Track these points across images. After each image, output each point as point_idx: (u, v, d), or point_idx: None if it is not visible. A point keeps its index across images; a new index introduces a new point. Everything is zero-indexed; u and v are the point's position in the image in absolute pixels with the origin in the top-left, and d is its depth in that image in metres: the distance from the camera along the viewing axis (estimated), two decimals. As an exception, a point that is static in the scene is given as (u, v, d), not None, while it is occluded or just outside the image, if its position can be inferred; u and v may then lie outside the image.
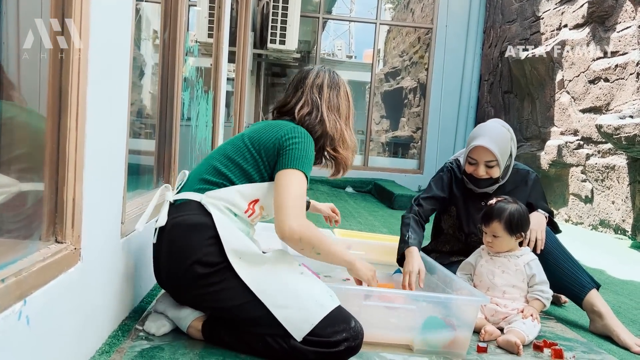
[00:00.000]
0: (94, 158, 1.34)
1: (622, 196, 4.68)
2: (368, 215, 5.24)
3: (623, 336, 1.98)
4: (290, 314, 1.46)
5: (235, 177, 1.62)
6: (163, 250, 1.58)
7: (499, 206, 2.04)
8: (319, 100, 1.78)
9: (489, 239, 2.05)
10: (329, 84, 1.82)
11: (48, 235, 1.23)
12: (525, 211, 2.05)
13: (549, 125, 5.95)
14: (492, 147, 2.12)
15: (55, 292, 1.16)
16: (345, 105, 1.85)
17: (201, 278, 1.51)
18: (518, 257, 2.04)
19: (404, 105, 11.27)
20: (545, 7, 6.26)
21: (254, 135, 1.68)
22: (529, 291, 2.02)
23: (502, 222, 2.00)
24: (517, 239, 2.05)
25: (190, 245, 1.52)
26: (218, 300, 1.51)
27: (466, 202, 2.32)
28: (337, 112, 1.81)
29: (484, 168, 2.17)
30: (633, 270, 3.52)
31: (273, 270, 1.54)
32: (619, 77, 4.82)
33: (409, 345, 1.73)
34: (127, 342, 1.54)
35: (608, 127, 4.37)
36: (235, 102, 5.34)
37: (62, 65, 1.21)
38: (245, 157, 1.64)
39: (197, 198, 1.59)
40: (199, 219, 1.55)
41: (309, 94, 1.79)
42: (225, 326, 1.56)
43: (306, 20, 8.54)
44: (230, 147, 1.70)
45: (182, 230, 1.54)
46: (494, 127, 2.19)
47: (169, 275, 1.58)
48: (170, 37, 2.36)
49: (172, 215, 1.58)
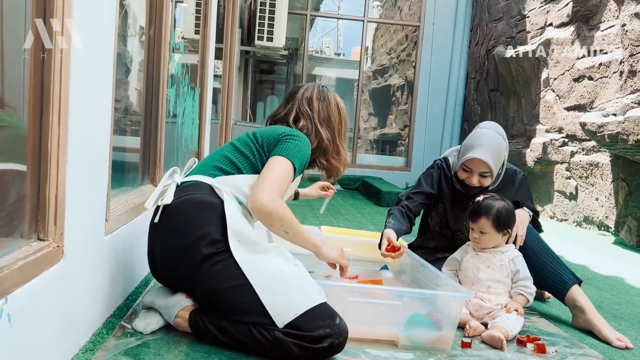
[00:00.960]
0: (77, 155, 1.33)
1: (606, 193, 4.74)
2: (356, 212, 5.26)
3: (604, 331, 2.01)
4: (276, 300, 1.48)
5: (244, 167, 1.72)
6: (165, 227, 1.60)
7: (486, 203, 2.06)
8: (309, 112, 1.91)
9: (475, 235, 2.07)
10: (317, 97, 1.94)
11: (30, 232, 1.22)
12: (512, 208, 2.08)
13: (535, 123, 6.01)
14: (489, 160, 2.14)
15: (37, 290, 1.15)
16: (336, 117, 1.94)
17: (200, 256, 1.53)
18: (503, 252, 2.07)
19: (391, 102, 11.30)
20: (530, 6, 6.31)
21: (259, 132, 1.81)
22: (513, 287, 2.04)
23: (490, 218, 2.02)
24: (503, 235, 2.07)
25: (198, 219, 1.57)
26: (211, 281, 1.53)
27: (454, 200, 2.34)
28: (328, 123, 1.92)
29: (477, 178, 2.20)
30: (615, 266, 3.57)
31: (268, 258, 1.57)
32: (602, 76, 4.88)
33: (393, 341, 1.74)
34: (112, 340, 1.53)
35: (592, 124, 4.42)
36: (222, 99, 5.32)
37: (44, 61, 1.20)
38: (251, 149, 1.75)
39: (208, 181, 1.67)
40: (208, 198, 1.62)
41: (299, 106, 1.92)
42: (211, 316, 1.56)
43: (294, 17, 8.53)
44: (237, 141, 1.82)
45: (191, 206, 1.60)
46: (492, 137, 2.19)
47: (167, 254, 1.60)
48: (155, 33, 2.35)
49: (179, 195, 1.64)
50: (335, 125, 1.94)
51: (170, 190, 1.66)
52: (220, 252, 1.54)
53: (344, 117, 1.99)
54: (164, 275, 1.67)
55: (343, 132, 1.99)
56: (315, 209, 5.18)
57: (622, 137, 4.04)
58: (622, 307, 2.57)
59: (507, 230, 2.07)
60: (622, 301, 2.68)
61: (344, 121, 2.00)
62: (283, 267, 1.56)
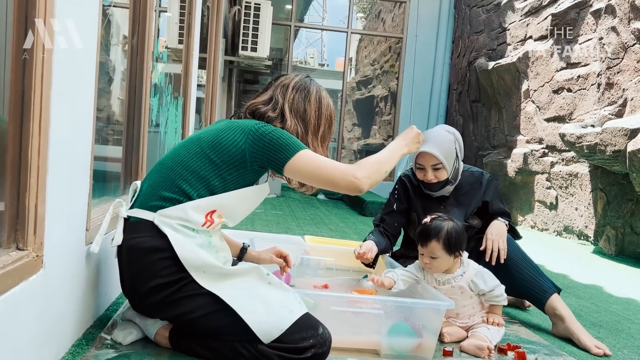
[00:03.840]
0: (57, 164, 1.32)
1: (585, 203, 4.82)
2: (339, 222, 5.27)
3: (583, 339, 2.04)
4: (259, 319, 1.45)
5: (194, 189, 1.54)
6: (124, 268, 1.56)
7: (435, 225, 1.93)
8: (281, 100, 1.70)
9: (426, 260, 1.94)
10: (295, 86, 1.73)
11: (9, 242, 1.21)
12: (461, 228, 1.97)
13: (515, 134, 6.10)
14: (435, 152, 2.18)
15: (16, 300, 1.13)
16: (315, 113, 1.72)
17: (163, 297, 1.49)
18: (462, 275, 1.95)
19: (375, 113, 11.38)
20: (511, 19, 6.43)
21: (213, 138, 1.59)
22: (483, 299, 1.98)
23: (440, 241, 1.89)
24: (455, 257, 1.94)
25: (147, 270, 1.49)
26: (184, 313, 1.49)
27: (425, 207, 2.37)
28: (301, 117, 1.70)
29: (431, 172, 2.24)
30: (594, 275, 3.63)
31: (240, 281, 1.52)
32: (581, 88, 4.98)
33: (376, 351, 1.75)
34: (92, 351, 1.51)
35: (571, 135, 4.50)
36: (206, 108, 5.31)
37: (25, 68, 1.19)
38: (203, 165, 1.55)
39: (149, 217, 1.52)
40: (153, 242, 1.49)
41: (273, 93, 1.72)
42: (192, 333, 1.55)
43: (278, 28, 8.57)
44: (185, 154, 1.59)
45: (138, 254, 1.50)
46: (437, 133, 2.27)
47: (132, 293, 1.56)
48: (138, 42, 2.34)
49: (127, 236, 1.53)
50: (310, 121, 1.70)
51: (119, 229, 1.53)
52: (185, 286, 1.47)
53: (325, 115, 1.74)
54: (136, 307, 1.61)
55: (322, 132, 1.74)
56: (298, 218, 5.18)
57: (600, 147, 4.12)
58: (600, 315, 2.61)
59: (459, 252, 1.94)
60: (600, 309, 2.72)
61: (325, 119, 1.74)
62: (258, 286, 1.52)
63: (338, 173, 1.55)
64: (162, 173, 1.59)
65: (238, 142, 1.56)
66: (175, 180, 1.55)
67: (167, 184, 1.56)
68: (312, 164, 1.56)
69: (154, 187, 1.57)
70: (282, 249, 2.01)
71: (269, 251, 2.01)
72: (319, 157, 1.58)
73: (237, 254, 1.96)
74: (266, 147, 1.55)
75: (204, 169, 1.55)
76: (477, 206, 2.33)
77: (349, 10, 8.55)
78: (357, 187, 1.55)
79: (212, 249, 1.60)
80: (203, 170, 1.55)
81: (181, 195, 1.54)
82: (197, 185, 1.55)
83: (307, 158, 1.56)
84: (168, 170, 1.58)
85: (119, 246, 1.55)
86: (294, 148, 1.55)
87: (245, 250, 1.98)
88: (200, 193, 1.54)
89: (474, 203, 2.32)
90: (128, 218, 1.55)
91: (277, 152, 1.55)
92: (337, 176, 1.55)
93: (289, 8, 8.69)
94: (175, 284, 1.48)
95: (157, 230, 1.50)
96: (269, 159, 1.56)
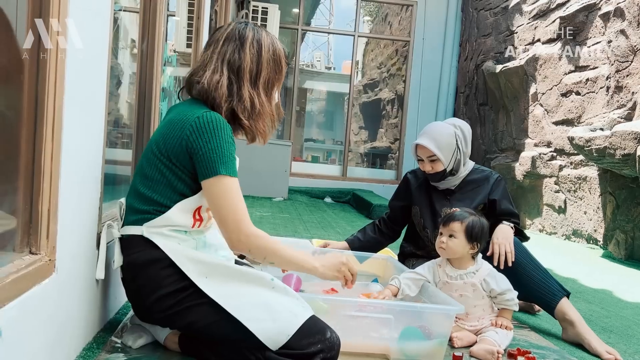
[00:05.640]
0: (70, 168, 1.33)
1: (594, 206, 4.79)
2: (346, 225, 5.26)
3: (594, 344, 2.02)
4: (265, 326, 1.43)
5: (163, 196, 1.50)
6: (129, 284, 1.57)
7: (461, 212, 2.01)
8: (216, 56, 1.54)
9: (443, 239, 1.96)
10: (227, 37, 1.55)
11: (22, 246, 1.22)
12: (486, 226, 2.00)
13: (523, 137, 6.07)
14: (428, 144, 2.28)
15: (29, 304, 1.14)
16: (250, 58, 1.54)
17: (169, 308, 1.49)
18: (474, 273, 1.97)
19: (382, 116, 11.37)
20: (519, 22, 6.41)
21: (160, 140, 1.52)
22: (494, 302, 1.99)
23: (463, 224, 1.95)
24: (471, 248, 1.96)
25: (150, 283, 1.49)
26: (191, 322, 1.49)
27: (431, 199, 2.43)
28: (233, 68, 1.53)
29: (428, 163, 2.33)
30: (604, 280, 3.60)
31: (243, 287, 1.50)
32: (589, 91, 4.95)
33: (385, 355, 1.75)
34: (102, 355, 1.52)
35: (580, 139, 4.48)
36: (213, 112, 5.32)
37: (39, 73, 1.21)
38: (161, 171, 1.50)
39: (138, 232, 1.50)
40: (147, 255, 1.48)
41: (205, 54, 1.57)
42: (202, 338, 1.55)
43: (285, 31, 8.59)
44: (146, 163, 1.55)
45: (137, 270, 1.51)
46: (437, 125, 2.37)
47: (139, 307, 1.57)
48: (148, 46, 2.36)
49: (124, 253, 1.53)
50: (245, 68, 1.53)
51: (117, 250, 1.53)
52: (189, 295, 1.47)
53: (265, 58, 1.56)
54: (145, 320, 1.61)
55: (264, 77, 1.56)
56: (305, 221, 5.18)
57: (610, 151, 4.10)
58: (611, 320, 2.59)
59: (476, 244, 1.96)
60: (611, 314, 2.71)
61: (267, 63, 1.56)
62: (261, 291, 1.49)
63: (231, 223, 1.46)
64: (133, 187, 1.58)
65: (179, 138, 1.48)
66: (144, 192, 1.52)
67: (139, 198, 1.53)
68: (222, 197, 1.46)
69: (131, 202, 1.56)
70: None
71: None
72: (234, 194, 1.46)
73: None
74: (197, 148, 1.46)
75: (164, 177, 1.51)
76: (482, 202, 2.34)
77: (356, 13, 8.55)
78: (235, 242, 1.49)
79: (210, 249, 1.59)
80: (163, 178, 1.51)
81: (154, 205, 1.51)
82: (165, 191, 1.51)
83: (223, 188, 1.45)
84: (136, 183, 1.56)
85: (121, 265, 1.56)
86: (215, 168, 1.44)
87: None
88: (172, 198, 1.51)
89: (478, 199, 2.34)
90: (122, 237, 1.54)
91: (202, 161, 1.46)
92: (229, 225, 1.47)
93: (296, 12, 8.70)
94: (179, 293, 1.48)
95: (149, 243, 1.49)
96: (196, 160, 1.47)
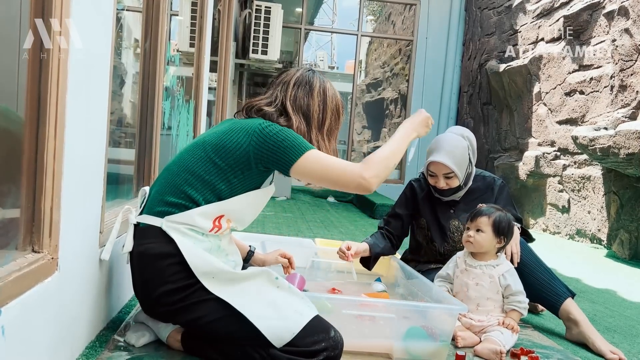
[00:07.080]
0: (72, 167, 1.33)
1: (598, 206, 4.78)
2: (349, 224, 5.26)
3: (598, 343, 2.02)
4: (271, 324, 1.44)
5: (200, 194, 1.52)
6: (136, 274, 1.56)
7: (488, 207, 2.04)
8: (283, 97, 1.65)
9: (471, 233, 2.00)
10: (296, 82, 1.67)
11: (25, 244, 1.22)
12: (512, 221, 2.05)
13: (527, 137, 6.06)
14: (447, 161, 2.17)
15: (31, 302, 1.14)
16: (318, 107, 1.66)
17: (174, 303, 1.49)
18: (494, 267, 2.01)
19: (385, 115, 11.37)
20: (522, 21, 6.40)
21: (217, 141, 1.56)
22: (505, 302, 2.00)
23: (490, 219, 1.99)
24: (497, 243, 2.01)
25: (157, 276, 1.49)
26: (196, 318, 1.49)
27: (435, 211, 2.38)
28: (304, 113, 1.65)
29: (443, 180, 2.24)
30: (608, 279, 3.59)
31: (249, 285, 1.51)
32: (593, 90, 4.94)
33: (388, 355, 1.74)
34: (105, 353, 1.52)
35: (583, 138, 4.47)
36: (216, 111, 5.34)
37: (42, 72, 1.21)
38: (208, 169, 1.53)
39: (157, 223, 1.51)
40: (161, 248, 1.48)
41: (274, 91, 1.67)
42: (204, 337, 1.55)
43: (288, 31, 8.58)
44: (190, 158, 1.57)
45: (147, 261, 1.50)
46: (449, 139, 2.24)
47: (145, 298, 1.57)
48: (151, 46, 2.36)
49: (137, 241, 1.53)
50: (314, 116, 1.65)
51: (129, 235, 1.53)
52: (195, 292, 1.47)
53: (330, 107, 1.68)
54: (149, 312, 1.61)
55: (328, 125, 1.68)
56: (309, 221, 5.18)
57: (614, 150, 4.08)
58: (615, 319, 2.58)
59: (503, 239, 2.01)
60: (615, 314, 2.70)
61: (331, 112, 1.68)
62: (267, 290, 1.50)
63: (345, 174, 1.52)
64: (168, 179, 1.58)
65: (242, 144, 1.53)
66: (180, 185, 1.53)
67: (173, 190, 1.54)
68: (318, 165, 1.52)
69: (161, 193, 1.56)
70: (286, 251, 2.07)
71: (274, 253, 2.06)
72: (326, 158, 1.54)
73: (244, 257, 1.97)
74: (271, 149, 1.52)
75: (209, 174, 1.53)
76: None
77: (359, 12, 8.55)
78: (365, 188, 1.53)
79: (221, 253, 1.60)
80: (208, 174, 1.53)
81: (187, 201, 1.52)
82: (203, 190, 1.53)
83: (314, 159, 1.52)
84: (174, 175, 1.57)
85: (130, 252, 1.55)
86: (300, 149, 1.51)
87: (252, 253, 2.01)
88: (206, 198, 1.53)
89: None
90: (138, 224, 1.55)
91: (282, 154, 1.51)
92: (345, 177, 1.52)
93: (299, 11, 8.70)
94: (186, 290, 1.48)
95: (165, 236, 1.49)
96: (274, 161, 1.53)
